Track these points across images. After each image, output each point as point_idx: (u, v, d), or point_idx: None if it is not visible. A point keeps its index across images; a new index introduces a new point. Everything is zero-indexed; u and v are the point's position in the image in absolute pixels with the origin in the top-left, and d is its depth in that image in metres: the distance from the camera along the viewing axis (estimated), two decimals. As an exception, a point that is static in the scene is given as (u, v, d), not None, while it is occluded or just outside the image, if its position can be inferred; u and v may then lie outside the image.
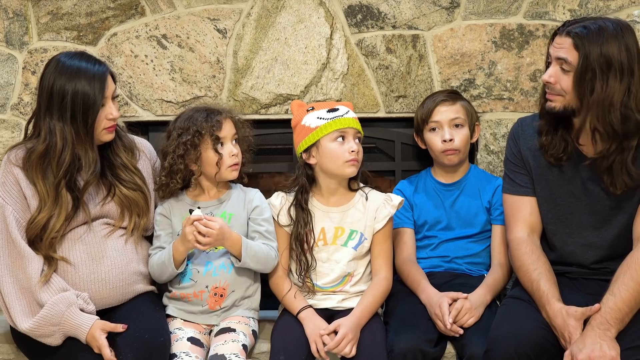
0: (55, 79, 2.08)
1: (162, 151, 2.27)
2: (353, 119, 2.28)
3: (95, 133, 2.13)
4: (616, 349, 1.88)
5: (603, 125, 1.99)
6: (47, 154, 2.09)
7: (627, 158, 2.03)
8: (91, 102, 2.08)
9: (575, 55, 1.99)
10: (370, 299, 2.23)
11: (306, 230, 2.28)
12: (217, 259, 2.21)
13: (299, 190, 2.32)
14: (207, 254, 2.21)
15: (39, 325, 2.01)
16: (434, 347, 2.13)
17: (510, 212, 2.26)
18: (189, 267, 2.20)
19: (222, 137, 2.22)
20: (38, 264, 2.06)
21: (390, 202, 2.30)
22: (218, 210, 2.25)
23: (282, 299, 2.29)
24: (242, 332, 2.17)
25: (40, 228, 2.07)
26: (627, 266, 1.99)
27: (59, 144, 2.07)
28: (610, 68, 1.96)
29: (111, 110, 2.15)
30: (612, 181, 2.06)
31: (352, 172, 2.26)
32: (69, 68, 2.10)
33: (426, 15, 2.63)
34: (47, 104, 2.10)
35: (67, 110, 2.07)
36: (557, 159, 2.15)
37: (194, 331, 2.16)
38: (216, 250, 2.20)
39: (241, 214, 2.27)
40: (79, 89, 2.07)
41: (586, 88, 1.99)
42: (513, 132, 2.28)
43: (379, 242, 2.30)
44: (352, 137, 2.25)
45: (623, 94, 1.97)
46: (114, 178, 2.20)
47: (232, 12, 2.65)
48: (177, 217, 2.25)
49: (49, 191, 2.08)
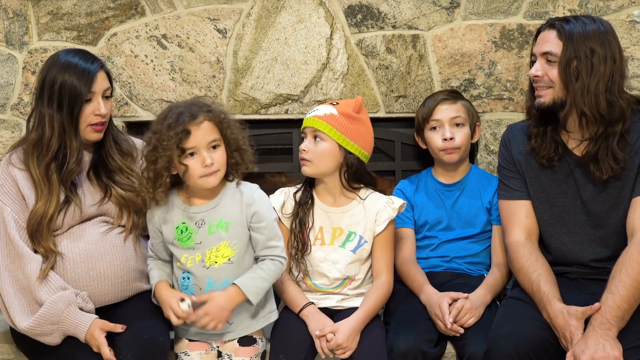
0: (49, 70, 2.15)
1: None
2: (311, 117, 2.24)
3: (81, 128, 2.15)
4: (619, 349, 1.89)
5: (590, 109, 2.06)
6: (39, 141, 2.13)
7: (612, 143, 2.09)
8: (77, 93, 2.12)
9: (560, 45, 2.08)
10: (372, 302, 2.21)
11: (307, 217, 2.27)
12: (219, 274, 2.05)
13: (302, 186, 2.32)
14: (206, 269, 2.05)
15: (38, 323, 2.01)
16: (434, 347, 2.13)
17: (507, 216, 2.28)
18: (189, 282, 2.07)
19: (191, 148, 1.96)
20: (37, 264, 2.06)
21: (392, 205, 2.28)
22: (212, 217, 2.05)
23: (283, 296, 2.29)
24: (260, 339, 2.15)
25: (39, 218, 2.08)
26: (622, 263, 2.00)
27: (47, 131, 2.12)
28: (594, 55, 2.05)
29: (99, 106, 2.16)
30: (599, 167, 2.11)
31: (304, 170, 2.25)
32: (62, 61, 2.15)
33: (426, 15, 2.63)
34: (39, 93, 2.15)
35: (55, 99, 2.12)
36: (549, 160, 2.19)
37: (200, 353, 2.11)
38: (216, 265, 2.04)
39: (238, 220, 2.06)
40: (67, 80, 2.12)
41: (572, 74, 2.07)
42: (504, 138, 2.33)
43: (379, 245, 2.29)
44: (308, 135, 2.24)
45: (607, 80, 2.06)
46: (110, 180, 2.22)
47: (232, 12, 2.66)
48: (168, 226, 2.07)
49: (43, 178, 2.12)
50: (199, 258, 2.05)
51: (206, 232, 2.05)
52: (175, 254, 2.08)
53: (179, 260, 2.07)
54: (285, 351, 2.12)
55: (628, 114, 2.09)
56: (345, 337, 2.10)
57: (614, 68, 2.06)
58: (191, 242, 2.05)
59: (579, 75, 2.06)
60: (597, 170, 2.11)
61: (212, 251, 2.05)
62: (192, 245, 2.05)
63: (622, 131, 2.09)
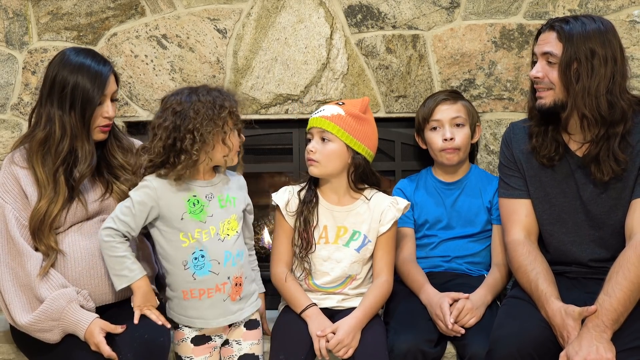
0: (59, 70, 2.13)
1: (165, 127, 2.02)
2: (318, 118, 2.24)
3: (90, 129, 2.15)
4: (612, 351, 1.89)
5: (590, 112, 2.05)
6: (46, 141, 2.12)
7: (613, 144, 2.09)
8: (90, 97, 2.12)
9: (560, 46, 2.07)
10: (371, 300, 2.22)
11: (311, 215, 2.27)
12: (233, 247, 2.11)
13: (307, 184, 2.33)
14: (222, 242, 2.09)
15: (38, 319, 2.02)
16: (434, 347, 2.13)
17: (507, 215, 2.28)
18: (206, 259, 2.07)
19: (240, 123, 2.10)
20: (37, 261, 2.07)
21: (397, 205, 2.28)
22: (219, 192, 2.12)
23: (284, 295, 2.29)
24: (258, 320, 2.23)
25: (42, 216, 2.08)
26: (619, 265, 2.00)
27: (58, 132, 2.11)
28: (594, 56, 2.04)
29: (108, 109, 2.17)
30: (600, 168, 2.11)
31: (311, 171, 2.26)
32: (74, 62, 2.14)
33: (426, 15, 2.63)
34: (48, 92, 2.14)
35: (67, 101, 2.11)
36: (550, 160, 2.19)
37: (205, 357, 2.12)
38: (229, 237, 2.10)
39: (240, 198, 2.18)
40: (80, 82, 2.11)
41: (572, 77, 2.06)
42: (505, 136, 2.33)
43: (382, 245, 2.29)
44: (315, 136, 2.24)
45: (608, 81, 2.04)
46: (111, 176, 2.22)
47: (232, 12, 2.65)
48: (175, 200, 2.06)
49: (48, 178, 2.11)
50: (214, 231, 2.08)
51: (217, 205, 2.10)
52: (184, 230, 2.06)
53: (192, 236, 2.06)
54: (285, 351, 2.12)
55: (629, 114, 2.08)
56: (346, 334, 2.10)
57: (615, 69, 2.05)
58: (204, 215, 2.07)
59: (579, 78, 2.05)
60: (598, 171, 2.11)
61: (224, 224, 2.10)
62: (204, 218, 2.07)
63: (623, 132, 2.08)
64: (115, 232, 2.04)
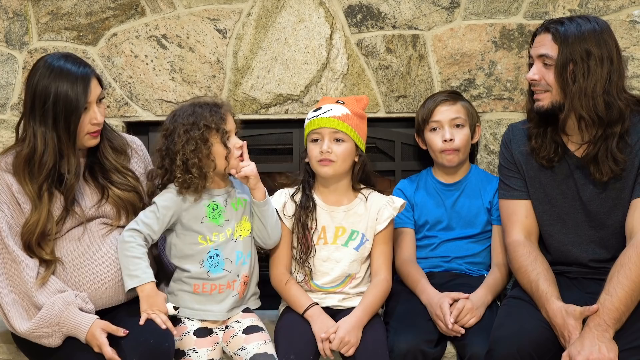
0: (39, 79, 2.06)
1: (160, 150, 2.18)
2: (329, 118, 2.24)
3: (79, 138, 2.10)
4: (614, 351, 1.89)
5: (588, 112, 2.05)
6: (31, 158, 2.07)
7: (611, 145, 2.08)
8: (73, 107, 2.05)
9: (556, 48, 2.07)
10: (370, 299, 2.23)
11: (309, 220, 2.28)
12: (244, 247, 2.23)
13: (301, 186, 2.33)
14: (234, 242, 2.20)
15: (38, 326, 2.00)
16: (434, 347, 2.14)
17: (507, 216, 2.28)
18: (220, 257, 2.18)
19: (228, 131, 2.16)
20: (33, 268, 2.04)
21: (392, 204, 2.30)
22: (232, 196, 2.24)
23: (285, 297, 2.29)
24: (263, 327, 2.24)
25: (34, 231, 2.05)
26: (620, 264, 2.00)
27: (39, 148, 2.05)
28: (590, 57, 2.04)
29: (95, 115, 2.11)
30: (599, 168, 2.11)
31: (325, 172, 2.26)
32: (52, 70, 2.07)
33: (426, 15, 2.63)
34: (30, 107, 2.08)
35: (49, 115, 2.05)
36: (549, 161, 2.19)
37: (207, 349, 2.13)
38: (241, 238, 2.22)
39: (249, 199, 2.26)
40: (61, 92, 2.04)
41: (568, 78, 2.06)
42: (504, 137, 2.34)
43: (379, 243, 2.31)
44: (327, 137, 2.24)
45: (604, 82, 2.04)
46: (106, 181, 2.19)
47: (232, 12, 2.65)
48: (196, 207, 2.17)
49: (36, 195, 2.07)
50: (230, 232, 2.20)
51: (232, 209, 2.22)
52: (203, 233, 2.17)
53: (210, 239, 2.18)
54: (295, 351, 2.12)
55: (627, 114, 2.08)
56: (347, 332, 2.11)
57: (611, 69, 2.05)
58: (222, 220, 2.19)
59: (575, 79, 2.05)
60: (597, 171, 2.11)
61: (238, 225, 2.23)
62: (222, 222, 2.19)
63: (621, 132, 2.08)
64: (138, 234, 2.11)
